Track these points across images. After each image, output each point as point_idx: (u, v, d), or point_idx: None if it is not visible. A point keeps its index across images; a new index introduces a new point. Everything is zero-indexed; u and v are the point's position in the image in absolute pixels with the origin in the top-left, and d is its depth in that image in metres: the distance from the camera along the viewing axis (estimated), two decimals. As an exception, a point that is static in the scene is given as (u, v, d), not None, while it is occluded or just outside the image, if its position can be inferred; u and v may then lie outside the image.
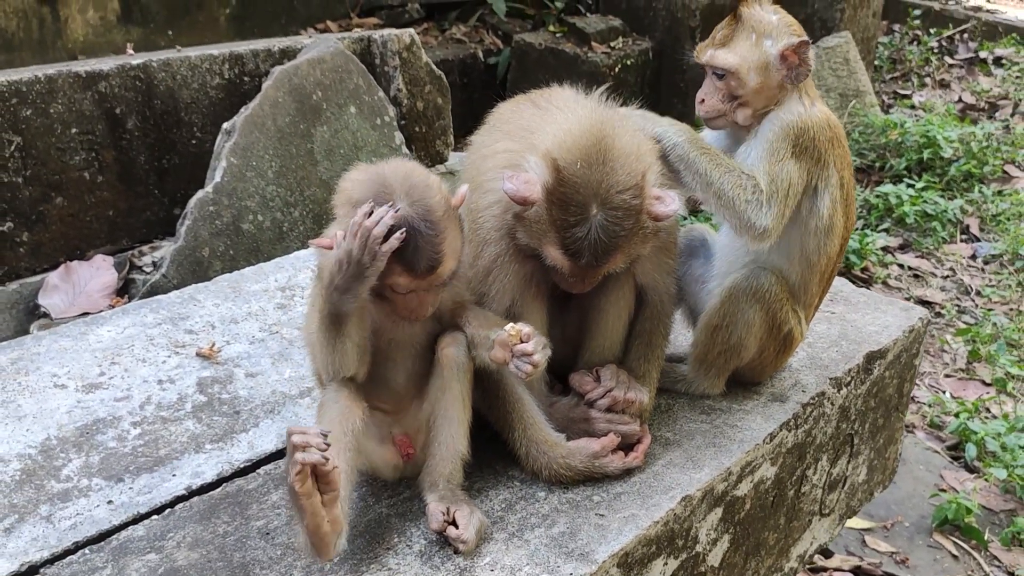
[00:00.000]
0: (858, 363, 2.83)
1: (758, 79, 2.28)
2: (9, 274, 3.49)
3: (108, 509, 2.14)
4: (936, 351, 5.45)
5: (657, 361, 2.45)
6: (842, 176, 2.35)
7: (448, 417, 2.08)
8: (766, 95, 2.31)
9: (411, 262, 1.88)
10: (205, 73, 3.99)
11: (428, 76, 4.76)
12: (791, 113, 2.29)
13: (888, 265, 6.17)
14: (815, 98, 2.35)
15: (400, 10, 7.63)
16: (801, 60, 2.28)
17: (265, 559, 1.96)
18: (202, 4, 6.08)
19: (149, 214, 3.83)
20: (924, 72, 9.47)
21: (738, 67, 2.28)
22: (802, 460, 2.68)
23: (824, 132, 2.29)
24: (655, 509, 2.14)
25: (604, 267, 2.11)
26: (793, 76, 2.29)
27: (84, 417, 2.41)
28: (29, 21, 5.20)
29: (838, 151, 2.33)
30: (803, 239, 2.37)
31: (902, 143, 7.18)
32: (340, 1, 7.25)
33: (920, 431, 4.75)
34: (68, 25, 5.36)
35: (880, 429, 3.13)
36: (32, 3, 5.19)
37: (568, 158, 2.04)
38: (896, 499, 4.22)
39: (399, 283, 1.91)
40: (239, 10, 6.30)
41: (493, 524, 2.07)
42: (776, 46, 2.27)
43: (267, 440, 2.40)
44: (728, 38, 2.30)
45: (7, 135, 3.37)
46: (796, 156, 2.26)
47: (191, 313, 2.89)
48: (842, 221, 2.38)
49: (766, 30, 2.28)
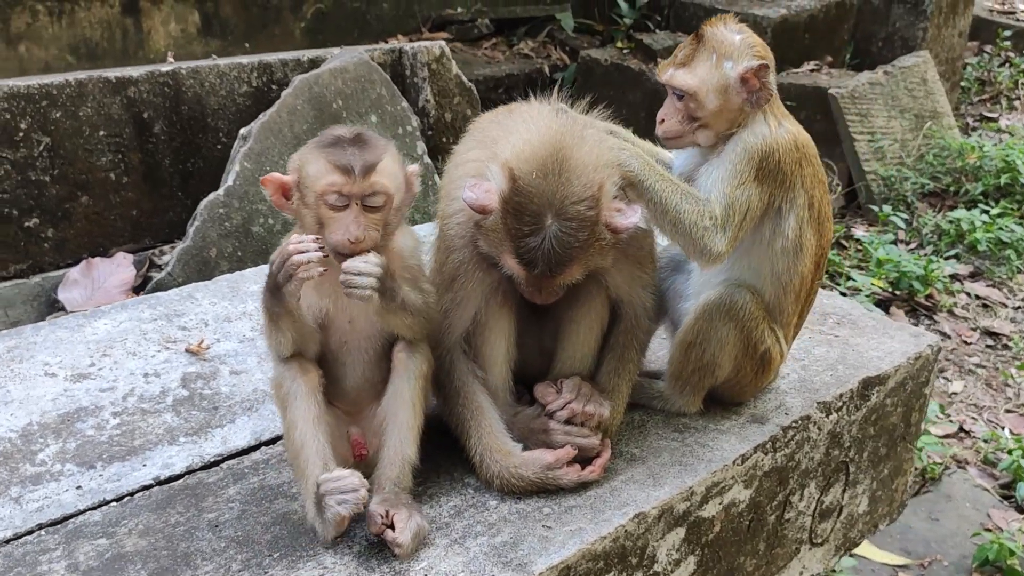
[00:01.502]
0: (851, 388, 2.74)
1: (717, 101, 2.24)
2: (33, 267, 3.66)
3: (76, 494, 2.21)
4: (999, 384, 5.21)
5: (628, 376, 2.41)
6: (811, 196, 2.29)
7: (398, 421, 2.10)
8: (727, 117, 2.26)
9: (343, 162, 1.97)
10: (233, 81, 4.12)
11: (457, 88, 4.81)
12: (755, 135, 2.24)
13: (955, 293, 5.94)
14: (783, 117, 2.29)
15: (470, 25, 7.74)
16: (762, 83, 2.23)
17: (208, 550, 2.00)
18: (278, 18, 6.27)
19: (172, 215, 3.97)
20: (1015, 95, 9.12)
21: (697, 89, 2.24)
22: (784, 485, 2.61)
23: (791, 154, 2.24)
24: (605, 524, 2.10)
25: (560, 278, 2.09)
26: (754, 99, 2.24)
27: (68, 405, 2.50)
28: (113, 31, 5.42)
29: (807, 171, 2.28)
30: (772, 260, 2.32)
31: (980, 167, 6.91)
32: (412, 16, 7.39)
33: (972, 467, 4.54)
34: (151, 36, 5.57)
35: (883, 459, 3.01)
36: (116, 14, 5.41)
37: (524, 168, 2.05)
38: (937, 537, 4.04)
39: (334, 183, 1.97)
40: (314, 23, 6.47)
41: (438, 530, 2.07)
42: (736, 68, 2.22)
43: (240, 436, 2.45)
44: (689, 58, 2.26)
45: (36, 135, 3.55)
46: (759, 180, 2.21)
47: (187, 310, 2.97)
48: (814, 240, 2.32)
49: (727, 51, 2.23)
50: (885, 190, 6.78)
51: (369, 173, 1.99)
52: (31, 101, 3.63)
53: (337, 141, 2.01)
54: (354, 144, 2.01)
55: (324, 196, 1.99)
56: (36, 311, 3.53)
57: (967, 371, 5.30)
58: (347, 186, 1.98)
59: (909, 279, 5.71)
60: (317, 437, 2.04)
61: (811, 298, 2.50)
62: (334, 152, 2.00)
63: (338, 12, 6.61)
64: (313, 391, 2.08)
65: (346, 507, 1.93)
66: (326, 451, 2.03)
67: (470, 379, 2.28)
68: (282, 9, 6.23)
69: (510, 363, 2.34)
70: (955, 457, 4.59)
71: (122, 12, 5.40)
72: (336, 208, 2.00)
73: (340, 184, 1.98)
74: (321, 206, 2.00)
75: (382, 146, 2.06)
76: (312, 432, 2.04)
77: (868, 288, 5.59)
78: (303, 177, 2.02)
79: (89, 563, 1.96)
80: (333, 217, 2.01)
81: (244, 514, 2.12)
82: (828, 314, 3.21)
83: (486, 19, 7.85)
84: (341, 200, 2.00)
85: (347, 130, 2.06)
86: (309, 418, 2.05)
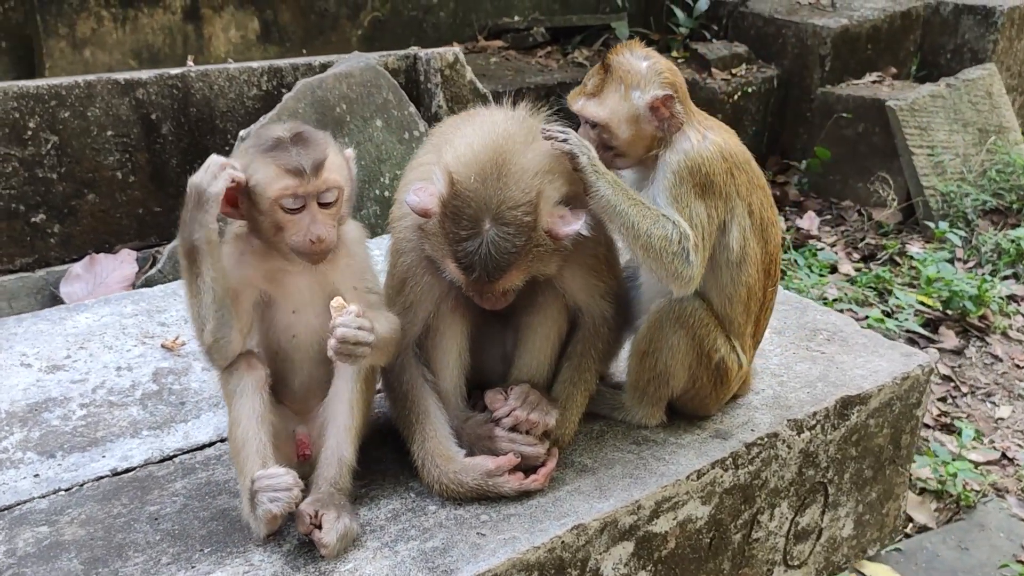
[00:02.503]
0: (827, 407, 2.66)
1: (630, 131, 2.19)
2: (39, 262, 3.78)
3: (32, 482, 2.26)
4: (1056, 411, 4.99)
5: (584, 385, 2.38)
6: (749, 204, 2.23)
7: (336, 422, 2.10)
8: (642, 145, 2.22)
9: (292, 164, 1.96)
10: (243, 84, 4.20)
11: (471, 94, 4.82)
12: (678, 152, 2.18)
13: (1011, 315, 5.72)
14: (706, 129, 2.23)
15: (525, 33, 7.74)
16: (671, 112, 2.17)
17: (143, 542, 2.03)
18: (335, 25, 6.35)
19: (178, 214, 4.04)
20: (1096, 109, 8.73)
21: (608, 120, 2.19)
22: (749, 503, 2.54)
23: (718, 164, 2.18)
24: (540, 534, 2.07)
25: (500, 283, 2.08)
26: (664, 127, 2.19)
27: (38, 395, 2.57)
28: (174, 37, 5.55)
29: (741, 179, 2.22)
30: (716, 273, 2.27)
31: (1047, 185, 6.64)
32: (468, 24, 7.44)
33: (1012, 496, 4.35)
34: (211, 42, 5.68)
35: (869, 482, 2.91)
36: (178, 21, 5.54)
37: (464, 172, 2.04)
38: (965, 566, 3.88)
39: (287, 187, 1.96)
40: (371, 31, 6.55)
41: (371, 533, 2.07)
42: (644, 98, 2.17)
43: (203, 432, 2.48)
44: (599, 88, 2.21)
45: (45, 134, 3.67)
46: (697, 195, 2.16)
47: (168, 307, 3.02)
48: (758, 248, 2.26)
49: (634, 80, 2.18)
50: (944, 206, 6.57)
51: (320, 170, 1.99)
52: (40, 101, 3.76)
53: (279, 143, 2.01)
54: (296, 143, 2.01)
55: (279, 201, 1.99)
56: (39, 304, 3.64)
57: (1016, 396, 5.08)
58: (301, 187, 1.99)
59: (961, 298, 5.49)
60: (259, 435, 2.05)
61: (767, 307, 2.43)
62: (279, 155, 1.99)
63: (395, 20, 6.68)
64: (259, 388, 2.09)
65: (277, 505, 1.94)
66: (266, 449, 2.04)
67: (419, 383, 2.27)
68: (340, 17, 6.33)
69: (463, 368, 2.33)
70: (995, 485, 4.40)
71: (183, 18, 5.54)
72: (292, 211, 2.01)
73: (294, 187, 1.98)
74: (277, 211, 2.00)
75: (323, 140, 2.05)
76: (254, 429, 2.05)
77: (914, 306, 5.41)
78: (252, 185, 2.01)
79: (27, 549, 2.00)
80: (290, 220, 2.01)
81: (185, 508, 2.14)
82: (819, 330, 3.13)
83: (542, 28, 7.86)
84: (297, 202, 2.00)
85: (283, 129, 2.05)
86: (253, 416, 2.06)
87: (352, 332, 1.94)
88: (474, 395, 2.41)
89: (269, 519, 1.96)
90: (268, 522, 1.97)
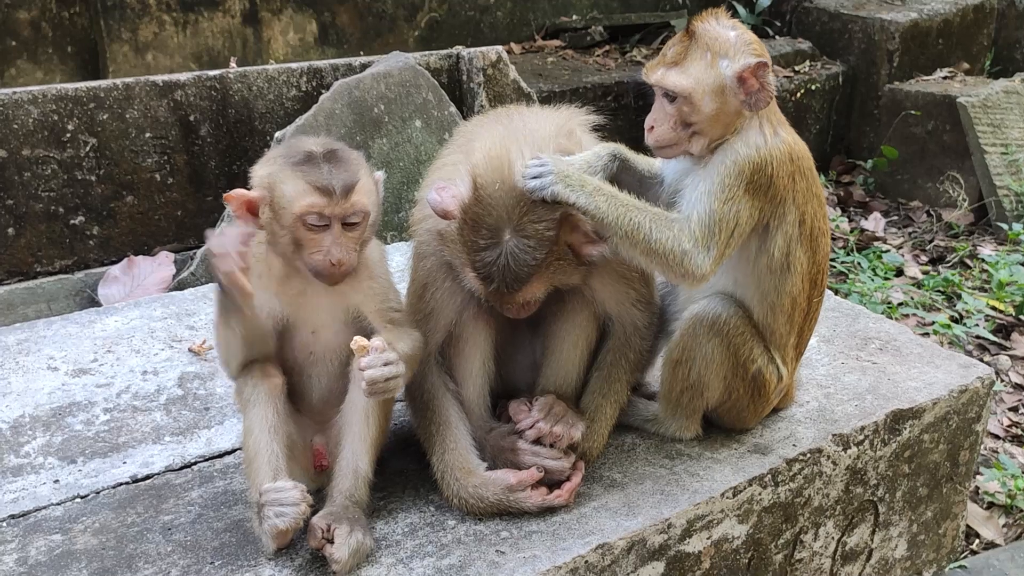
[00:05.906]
0: (877, 421, 2.50)
1: (713, 104, 2.03)
2: (78, 264, 3.81)
3: (52, 488, 2.23)
4: None
5: (614, 396, 2.27)
6: (803, 212, 2.08)
7: (352, 433, 2.03)
8: (723, 122, 2.05)
9: (322, 182, 1.89)
10: (282, 85, 4.18)
11: (514, 93, 4.74)
12: (748, 145, 2.03)
13: None
14: (778, 124, 2.08)
15: (583, 33, 7.66)
16: (761, 84, 2.01)
17: (154, 553, 1.98)
18: (392, 27, 6.36)
19: (217, 216, 4.05)
20: None
21: (691, 90, 2.03)
22: (791, 522, 2.40)
23: (784, 167, 2.03)
24: (563, 553, 1.97)
25: (520, 295, 1.98)
26: (752, 102, 2.03)
27: (62, 399, 2.55)
28: (234, 40, 5.61)
29: (800, 185, 2.07)
30: (758, 278, 2.13)
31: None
32: (526, 24, 7.38)
33: None
34: (270, 45, 5.74)
35: (924, 500, 2.74)
36: (237, 24, 5.61)
37: (489, 177, 1.94)
38: None
39: (314, 205, 1.89)
40: (428, 32, 6.55)
41: (387, 548, 1.99)
42: (733, 67, 2.01)
43: (226, 439, 2.43)
44: (681, 56, 2.05)
45: (83, 136, 3.69)
46: (749, 194, 2.01)
47: (198, 310, 2.99)
48: (805, 259, 2.11)
49: (722, 48, 2.02)
50: (1018, 207, 6.30)
51: (349, 193, 1.91)
52: (79, 103, 3.78)
53: (310, 158, 1.92)
54: (329, 161, 1.92)
55: (304, 217, 1.91)
56: (78, 306, 3.66)
57: (1097, 409, 4.83)
58: (328, 207, 1.90)
59: (1030, 310, 5.25)
60: (271, 446, 1.99)
61: (811, 319, 2.28)
62: (310, 171, 1.91)
63: (452, 20, 6.66)
64: (273, 398, 2.03)
65: (283, 520, 1.87)
66: (278, 460, 1.98)
67: (441, 392, 2.19)
68: (397, 18, 6.33)
69: (487, 377, 2.24)
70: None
71: (243, 22, 5.60)
72: (315, 228, 1.93)
73: (321, 205, 1.90)
74: (299, 228, 1.92)
75: (356, 161, 1.97)
76: (267, 440, 1.99)
77: (984, 311, 5.17)
78: (277, 196, 1.93)
79: (39, 558, 1.97)
80: (312, 238, 1.93)
81: (199, 518, 2.09)
82: (871, 339, 2.96)
83: (600, 27, 7.75)
84: (322, 221, 1.92)
85: (317, 144, 1.97)
86: (265, 426, 2.00)
87: (379, 372, 1.88)
88: (500, 405, 2.32)
89: (275, 533, 1.90)
90: (275, 536, 1.91)
